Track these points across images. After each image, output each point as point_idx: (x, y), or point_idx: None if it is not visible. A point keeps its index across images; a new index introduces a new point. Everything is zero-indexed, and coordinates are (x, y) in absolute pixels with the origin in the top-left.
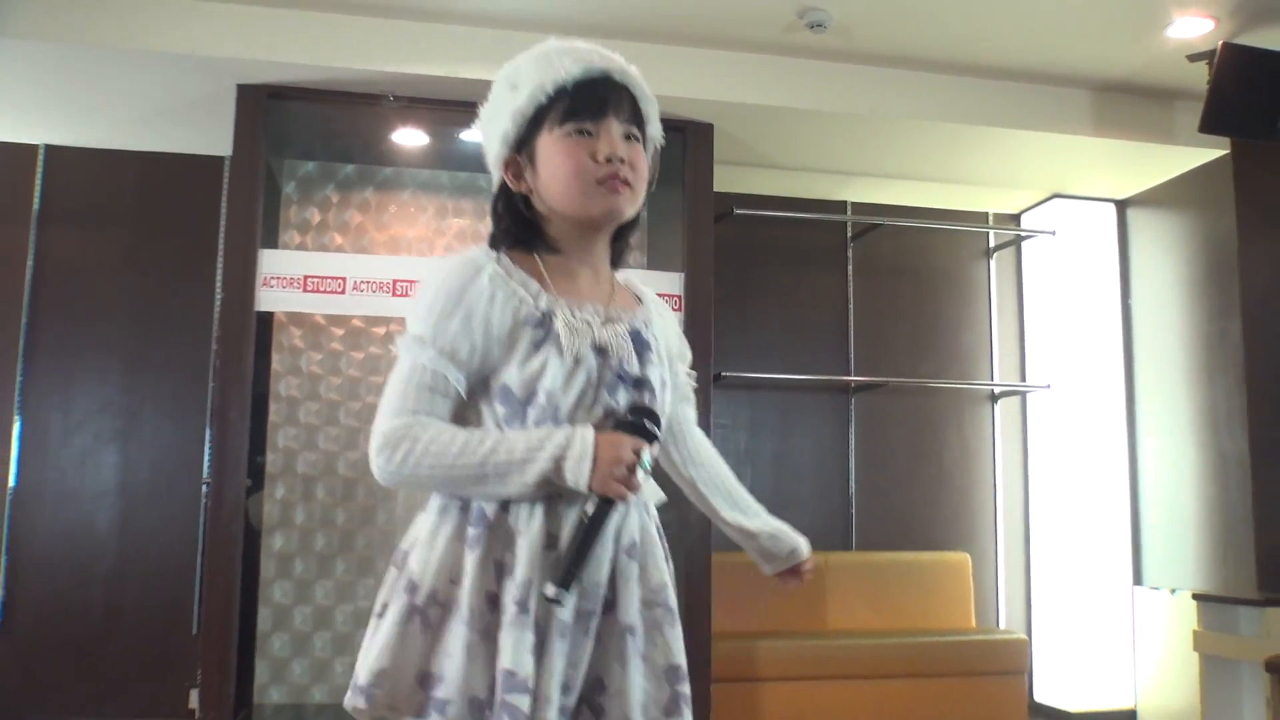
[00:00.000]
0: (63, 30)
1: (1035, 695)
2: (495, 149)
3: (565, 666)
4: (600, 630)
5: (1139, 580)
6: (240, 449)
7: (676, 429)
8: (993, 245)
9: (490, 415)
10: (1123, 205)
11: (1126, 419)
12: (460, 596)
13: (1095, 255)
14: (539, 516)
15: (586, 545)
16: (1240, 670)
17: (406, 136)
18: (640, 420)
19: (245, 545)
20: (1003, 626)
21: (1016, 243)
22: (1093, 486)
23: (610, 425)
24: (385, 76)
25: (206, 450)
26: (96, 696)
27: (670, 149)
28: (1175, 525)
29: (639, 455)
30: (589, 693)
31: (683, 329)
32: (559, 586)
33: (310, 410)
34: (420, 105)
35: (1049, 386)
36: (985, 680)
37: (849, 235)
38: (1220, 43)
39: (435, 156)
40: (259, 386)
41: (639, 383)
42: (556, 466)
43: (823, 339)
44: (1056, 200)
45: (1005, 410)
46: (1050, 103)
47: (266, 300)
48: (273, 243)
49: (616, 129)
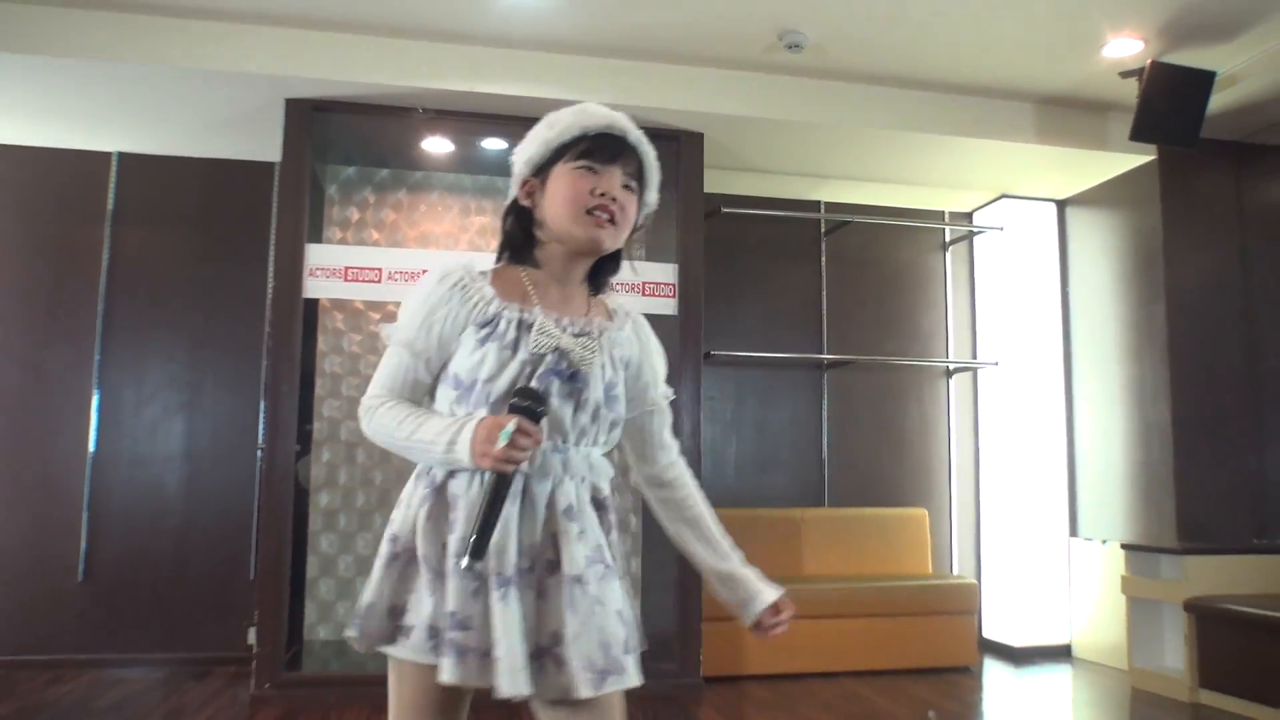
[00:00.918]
0: (132, 51)
1: (984, 632)
2: (519, 170)
3: (516, 613)
4: (548, 585)
5: (1074, 532)
6: (290, 418)
7: (642, 445)
8: (948, 240)
9: (445, 397)
10: (1062, 204)
11: (1065, 392)
12: (420, 545)
13: (1038, 248)
14: (475, 485)
15: (490, 514)
16: (1162, 610)
17: (434, 144)
18: (521, 400)
19: (295, 502)
20: (955, 572)
21: (969, 237)
22: (1035, 450)
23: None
24: (415, 91)
25: (261, 420)
26: (166, 635)
27: (665, 155)
28: (1106, 484)
29: (508, 429)
30: (550, 645)
31: (676, 314)
32: (470, 556)
33: (351, 384)
34: (446, 117)
35: (997, 363)
36: (940, 619)
37: (822, 231)
38: (1149, 61)
39: (459, 162)
40: (306, 364)
41: (573, 378)
42: (448, 449)
43: (799, 322)
44: (1004, 200)
45: (959, 384)
46: (999, 114)
47: (312, 288)
48: (317, 238)
49: (618, 176)
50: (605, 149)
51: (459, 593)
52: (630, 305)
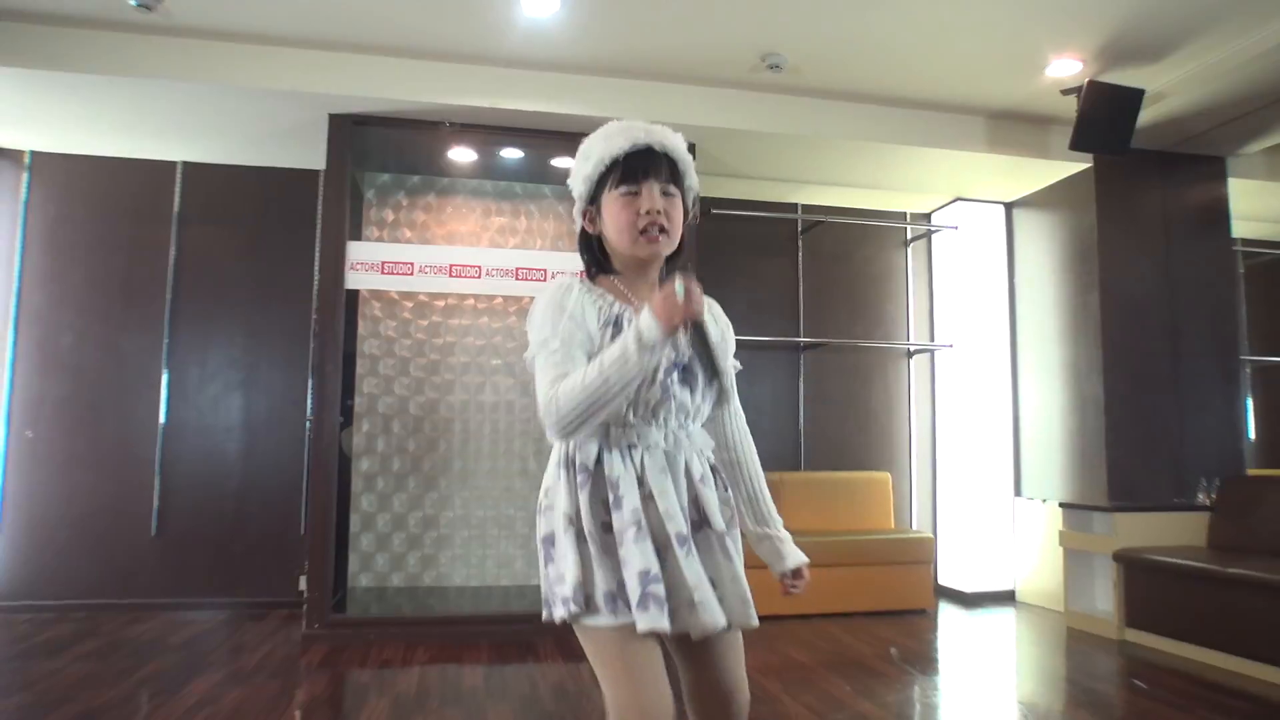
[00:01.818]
0: (195, 72)
1: (939, 579)
2: (577, 203)
3: (697, 565)
4: (699, 542)
5: (1019, 492)
6: (334, 394)
7: (715, 414)
8: (909, 237)
9: None
10: (1010, 206)
11: (1011, 370)
12: (585, 525)
13: (988, 245)
14: (628, 465)
15: (699, 334)
16: (1094, 560)
17: (459, 154)
18: (677, 269)
19: (339, 467)
20: (914, 528)
21: (927, 235)
22: (984, 421)
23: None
24: (443, 107)
25: (308, 395)
26: (228, 582)
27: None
28: (1047, 450)
29: (678, 288)
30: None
31: None
32: (694, 327)
33: (387, 364)
34: (470, 129)
35: (952, 345)
36: (901, 568)
37: (799, 229)
38: (1087, 80)
39: (481, 169)
40: (348, 346)
41: (687, 367)
42: (639, 344)
43: (779, 309)
44: (958, 202)
45: (918, 364)
46: (954, 126)
47: (353, 280)
48: (357, 236)
49: (656, 188)
50: (638, 168)
51: (645, 554)
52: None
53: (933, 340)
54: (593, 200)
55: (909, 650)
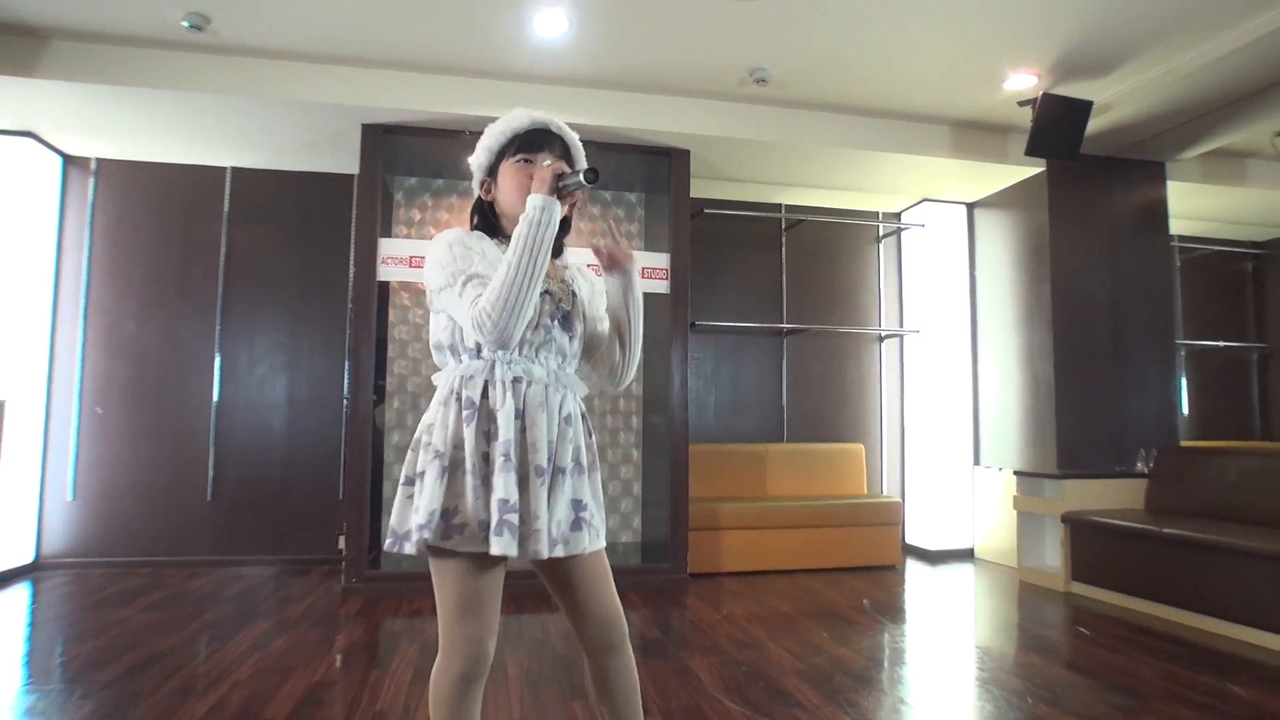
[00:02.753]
0: (242, 87)
1: (906, 539)
2: (476, 174)
3: (544, 498)
4: (555, 477)
5: (977, 461)
6: (368, 375)
7: (594, 346)
8: (881, 234)
9: None
10: (971, 206)
11: (971, 352)
12: (464, 457)
13: (952, 241)
14: (509, 399)
15: (569, 178)
16: (1044, 522)
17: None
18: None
19: (372, 439)
20: (884, 493)
21: (897, 232)
22: (947, 398)
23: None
24: (463, 118)
25: (345, 376)
26: (274, 541)
27: (660, 168)
28: (1003, 425)
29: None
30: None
31: (668, 292)
32: (590, 170)
33: (414, 348)
34: None
35: (919, 331)
36: (873, 529)
37: (783, 227)
38: (1041, 92)
39: None
40: (380, 332)
41: (566, 316)
42: (529, 212)
43: (764, 298)
44: (926, 203)
45: (889, 347)
46: (922, 134)
47: (384, 273)
48: (388, 233)
49: (548, 160)
50: (533, 142)
51: (507, 484)
52: (573, 259)
53: (902, 326)
54: (490, 171)
55: (879, 601)
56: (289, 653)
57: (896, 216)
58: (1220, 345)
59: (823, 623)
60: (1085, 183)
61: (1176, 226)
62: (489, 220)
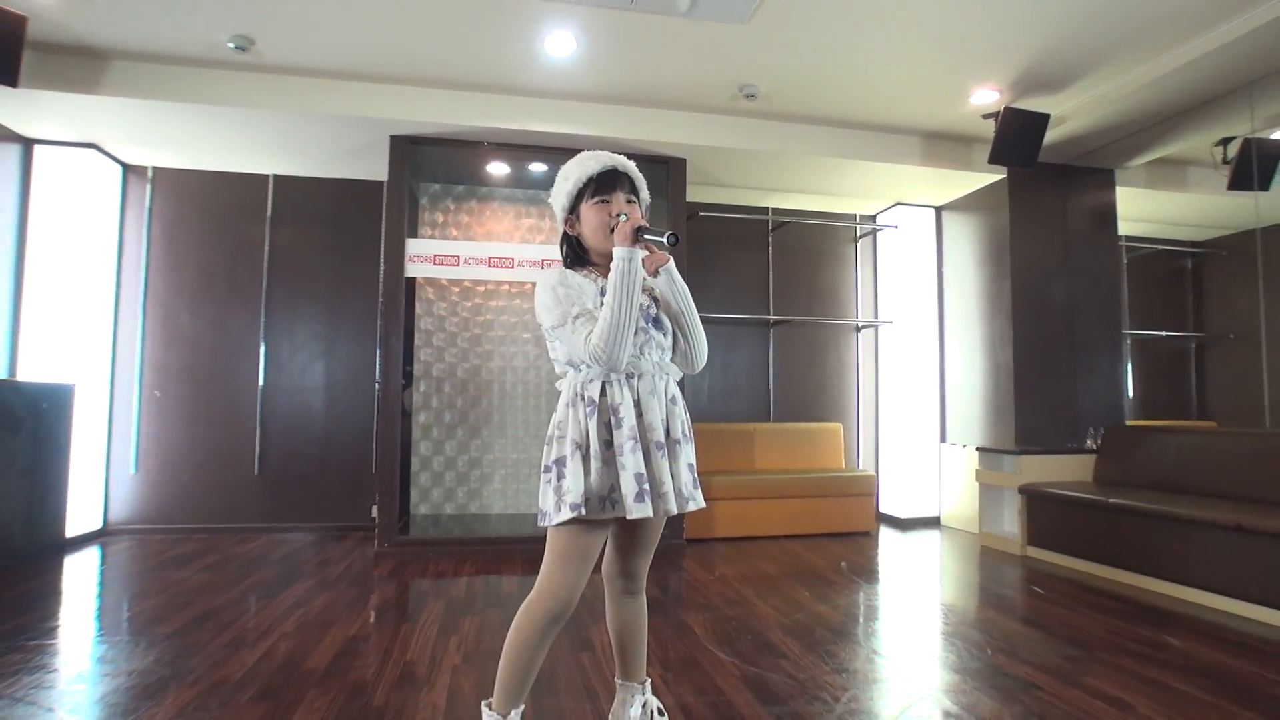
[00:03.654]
0: (283, 102)
1: (880, 508)
2: (559, 213)
3: (667, 467)
4: (670, 448)
5: (944, 438)
6: (397, 362)
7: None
8: (858, 234)
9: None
10: (940, 209)
11: (939, 341)
12: (591, 444)
13: (922, 241)
14: (626, 392)
15: (653, 231)
16: (1003, 493)
17: (495, 167)
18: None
19: (401, 420)
20: (860, 467)
21: (873, 233)
22: (917, 382)
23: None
24: (482, 129)
25: (377, 363)
26: (314, 510)
27: (659, 175)
28: (967, 406)
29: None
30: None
31: None
32: (671, 234)
33: (439, 337)
34: (504, 147)
35: (892, 322)
36: (850, 499)
37: (770, 228)
38: (1003, 107)
39: (513, 180)
40: (407, 323)
41: (657, 318)
42: (617, 263)
43: (753, 293)
44: (898, 206)
45: (865, 337)
46: (895, 145)
47: (411, 270)
48: (414, 234)
49: (621, 197)
50: (607, 183)
51: (637, 461)
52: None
53: (877, 318)
54: (572, 210)
55: (855, 564)
56: (328, 609)
57: (872, 219)
58: (1162, 335)
59: (804, 583)
60: (1043, 188)
61: (1124, 228)
62: (576, 251)
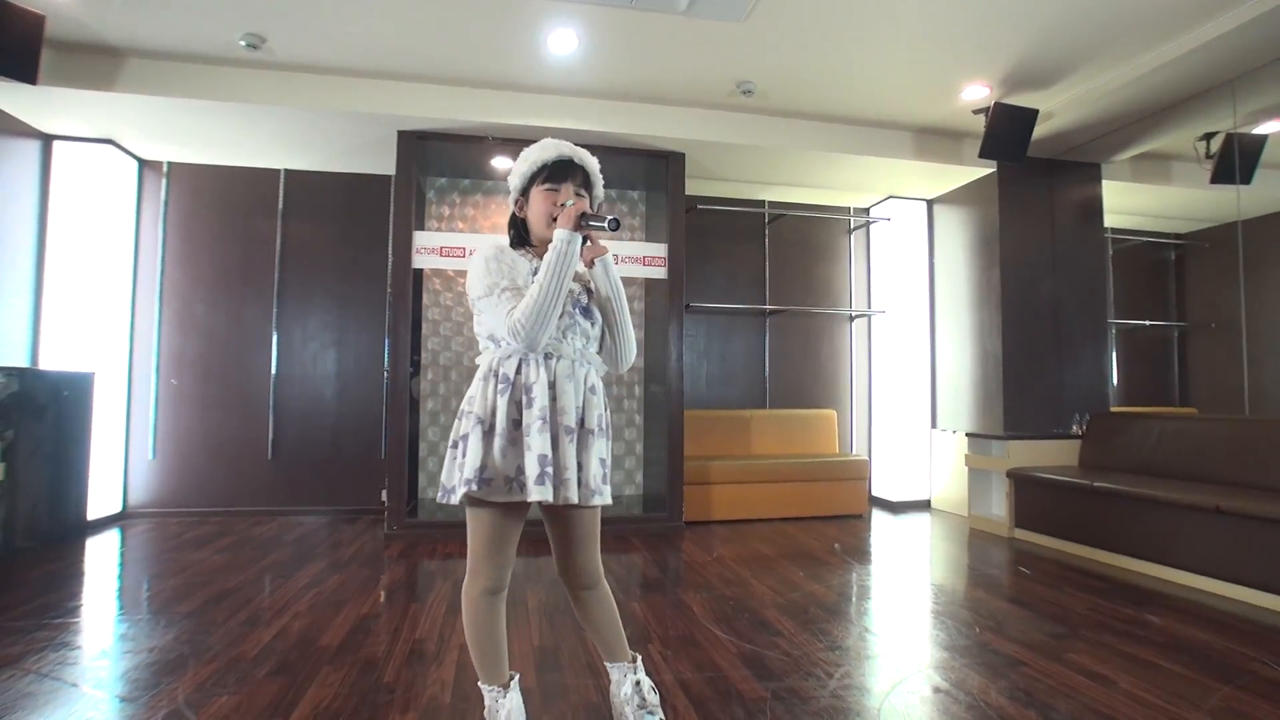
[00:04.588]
0: (294, 99)
1: (872, 491)
2: (512, 193)
3: (574, 453)
4: (581, 436)
5: (934, 424)
6: (405, 351)
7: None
8: (852, 227)
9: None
10: (931, 202)
11: (930, 330)
12: (497, 423)
13: (914, 233)
14: (542, 372)
15: (595, 217)
16: (991, 476)
17: (500, 162)
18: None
19: (410, 406)
20: (853, 452)
21: (866, 225)
22: (909, 370)
23: None
24: (487, 125)
25: (385, 351)
26: (326, 494)
27: (659, 169)
28: (957, 393)
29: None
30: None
31: (666, 278)
32: (612, 218)
33: (445, 327)
34: (508, 142)
35: (885, 311)
36: (843, 483)
37: (765, 221)
38: (994, 102)
39: None
40: (415, 313)
41: (586, 307)
42: (556, 243)
43: (749, 283)
44: (891, 199)
45: (858, 326)
46: (888, 139)
47: (418, 261)
48: (421, 227)
49: (570, 188)
50: (559, 172)
51: (544, 443)
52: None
53: (870, 307)
54: (524, 192)
55: (848, 545)
56: (341, 589)
57: (865, 211)
58: (1146, 324)
59: (799, 563)
60: (1031, 182)
61: (1110, 220)
62: (520, 234)
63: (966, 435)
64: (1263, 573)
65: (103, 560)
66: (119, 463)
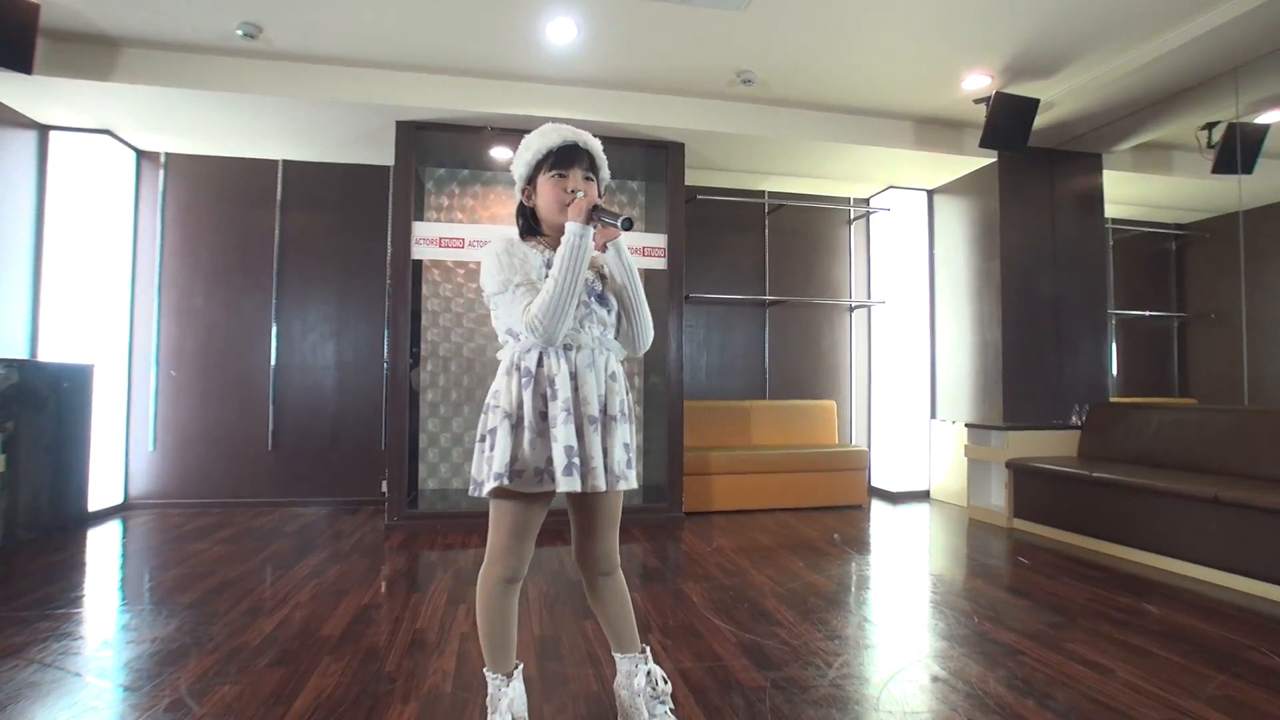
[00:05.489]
0: (293, 89)
1: (872, 482)
2: (518, 182)
3: (599, 442)
4: (605, 424)
5: (934, 415)
6: (404, 342)
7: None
8: (852, 217)
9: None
10: (931, 193)
11: (930, 321)
12: (524, 415)
13: (914, 223)
14: (563, 364)
15: (608, 213)
16: (990, 467)
17: (498, 152)
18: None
19: (409, 398)
20: (853, 442)
21: (866, 215)
22: (908, 361)
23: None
24: (486, 115)
25: (385, 342)
26: (326, 485)
27: (658, 159)
28: (957, 383)
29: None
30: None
31: (666, 268)
32: (626, 219)
33: (445, 318)
34: (507, 132)
35: (884, 302)
36: (843, 474)
37: (766, 211)
38: (995, 92)
39: None
40: (414, 304)
41: (601, 294)
42: (568, 236)
43: (749, 274)
44: (891, 189)
45: (858, 316)
46: (888, 129)
47: (418, 252)
48: (420, 218)
49: (578, 174)
50: (566, 158)
51: (569, 434)
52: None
53: (869, 298)
54: (530, 180)
55: (847, 535)
56: (342, 579)
57: (865, 201)
58: (1146, 315)
59: (798, 553)
60: (1032, 172)
61: (1110, 210)
62: (529, 222)
63: (966, 426)
64: (1260, 562)
65: (104, 551)
66: (119, 454)
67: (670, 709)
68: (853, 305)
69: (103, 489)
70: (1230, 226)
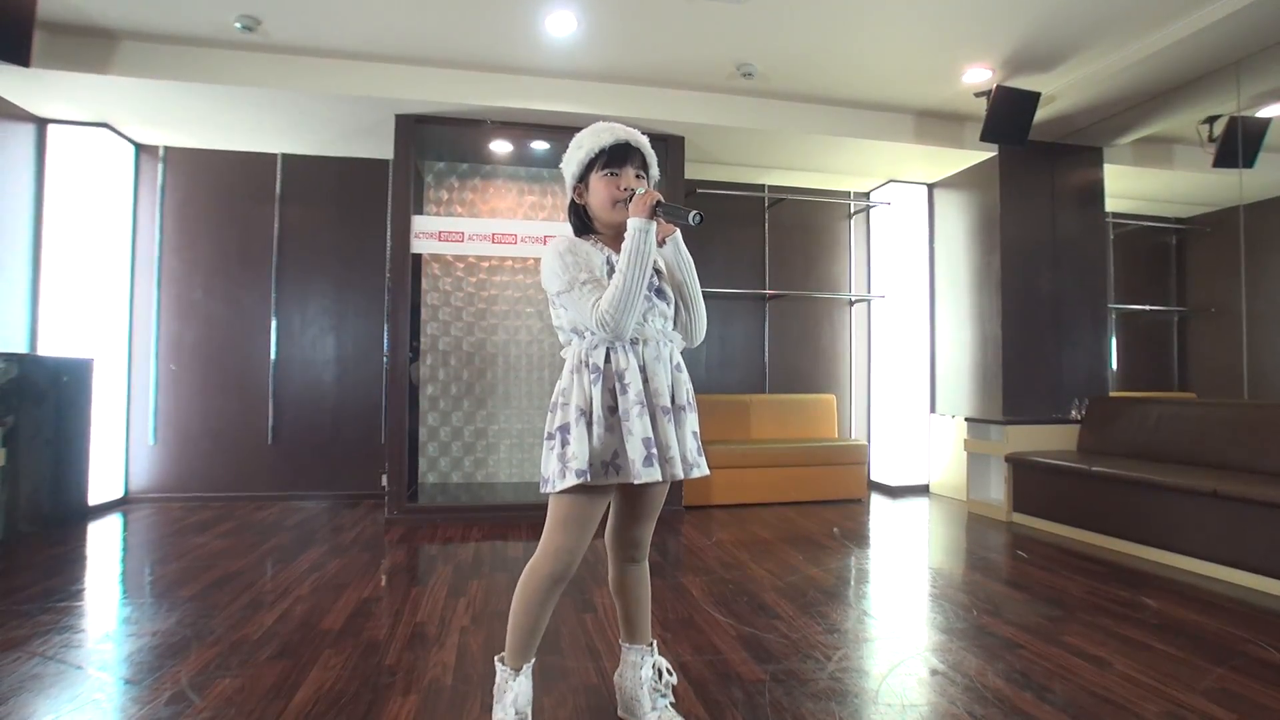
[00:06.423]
0: (291, 82)
1: (871, 476)
2: (569, 181)
3: (673, 432)
4: (675, 414)
5: (933, 409)
6: (404, 336)
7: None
8: (852, 211)
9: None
10: (931, 186)
11: (929, 315)
12: (595, 410)
13: (914, 217)
14: (632, 358)
15: (672, 208)
16: (990, 461)
17: (498, 145)
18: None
19: (409, 392)
20: (852, 437)
21: (866, 209)
22: (908, 355)
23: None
24: (486, 108)
25: (384, 337)
26: (326, 478)
27: (658, 153)
28: (956, 377)
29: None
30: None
31: None
32: (696, 213)
33: (444, 312)
34: (507, 126)
35: (884, 296)
36: (842, 467)
37: (765, 205)
38: (995, 85)
39: (515, 157)
40: (414, 298)
41: (660, 289)
42: (632, 233)
43: (749, 267)
44: (891, 183)
45: (858, 310)
46: (889, 123)
47: (417, 246)
48: (420, 211)
49: (631, 172)
50: (619, 157)
51: (645, 426)
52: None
53: (869, 292)
54: (582, 179)
55: (847, 529)
56: (342, 573)
57: (865, 195)
58: (1146, 309)
59: (798, 547)
60: (1032, 166)
61: (1111, 204)
62: (583, 220)
63: (965, 420)
64: (1258, 556)
65: (105, 545)
66: (120, 448)
67: (671, 702)
68: (853, 299)
69: (103, 483)
70: (1231, 220)
